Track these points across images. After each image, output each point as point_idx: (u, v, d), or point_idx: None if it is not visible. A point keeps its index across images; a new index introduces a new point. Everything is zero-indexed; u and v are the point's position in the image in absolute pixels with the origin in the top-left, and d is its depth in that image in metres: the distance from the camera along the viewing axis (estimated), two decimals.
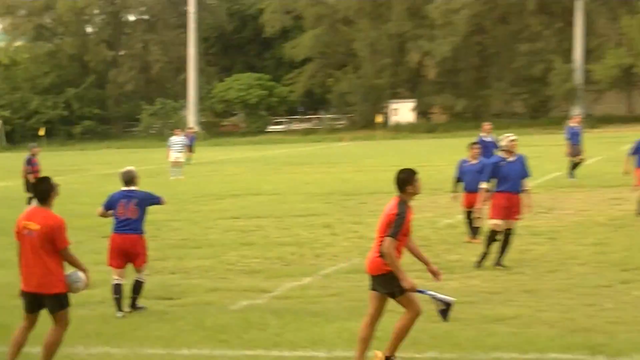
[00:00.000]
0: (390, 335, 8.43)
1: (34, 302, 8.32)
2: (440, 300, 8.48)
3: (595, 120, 57.84)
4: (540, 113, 65.68)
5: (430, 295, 8.45)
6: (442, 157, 34.76)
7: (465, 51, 65.89)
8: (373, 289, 8.39)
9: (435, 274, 8.71)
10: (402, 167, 8.58)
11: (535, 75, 63.75)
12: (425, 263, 8.82)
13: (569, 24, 63.61)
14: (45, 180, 8.63)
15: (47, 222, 8.17)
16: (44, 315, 8.43)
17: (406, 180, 8.36)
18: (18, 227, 8.32)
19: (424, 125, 66.66)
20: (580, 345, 8.99)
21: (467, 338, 9.26)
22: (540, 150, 31.59)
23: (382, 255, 8.12)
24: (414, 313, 8.25)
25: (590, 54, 62.77)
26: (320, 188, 26.46)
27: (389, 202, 8.51)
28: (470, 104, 65.84)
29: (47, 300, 8.24)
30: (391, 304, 8.42)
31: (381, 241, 8.16)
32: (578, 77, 63.25)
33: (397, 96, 71.65)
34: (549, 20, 65.90)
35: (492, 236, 13.25)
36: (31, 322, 8.44)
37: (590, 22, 62.88)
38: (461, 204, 15.59)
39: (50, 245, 8.14)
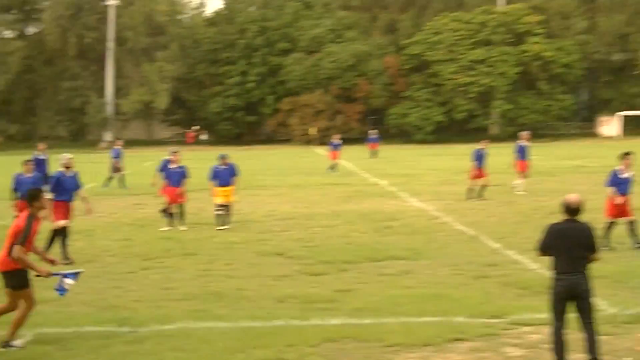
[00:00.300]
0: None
1: None
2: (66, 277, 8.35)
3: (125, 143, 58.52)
4: (79, 137, 65.13)
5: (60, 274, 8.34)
6: None
7: (18, 86, 62.72)
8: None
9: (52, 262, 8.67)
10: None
11: (76, 106, 63.14)
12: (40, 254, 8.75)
13: (102, 67, 63.94)
14: None
15: None
16: None
17: (33, 197, 8.16)
18: None
19: None
20: (110, 319, 9.08)
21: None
22: (79, 167, 31.07)
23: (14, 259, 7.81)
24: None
25: (119, 91, 63.59)
26: None
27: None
28: (22, 129, 62.98)
29: None
30: None
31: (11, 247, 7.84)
32: (109, 109, 63.71)
33: None
34: (87, 64, 65.94)
35: (55, 235, 13.07)
36: None
37: (119, 67, 63.76)
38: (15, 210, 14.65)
39: None
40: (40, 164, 20.56)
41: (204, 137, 64.20)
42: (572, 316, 7.13)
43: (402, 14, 65.49)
